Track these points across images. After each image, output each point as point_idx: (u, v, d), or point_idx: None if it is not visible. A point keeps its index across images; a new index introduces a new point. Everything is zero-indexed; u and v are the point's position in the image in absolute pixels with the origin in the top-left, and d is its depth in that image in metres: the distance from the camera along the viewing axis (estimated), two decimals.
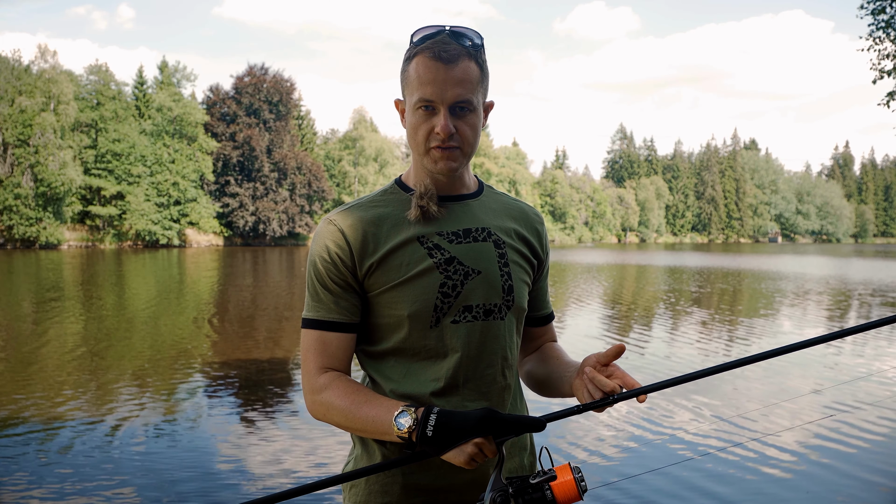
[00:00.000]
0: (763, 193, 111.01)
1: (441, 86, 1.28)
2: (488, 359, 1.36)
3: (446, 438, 1.18)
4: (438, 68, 1.28)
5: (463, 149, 1.34)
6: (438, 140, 1.31)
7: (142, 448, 5.04)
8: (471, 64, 1.30)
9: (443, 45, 1.29)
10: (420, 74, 1.29)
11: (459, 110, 1.31)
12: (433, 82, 1.28)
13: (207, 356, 8.84)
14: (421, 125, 1.32)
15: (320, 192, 61.29)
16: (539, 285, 1.54)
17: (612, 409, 5.50)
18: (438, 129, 1.30)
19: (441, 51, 1.28)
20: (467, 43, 1.32)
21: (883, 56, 13.64)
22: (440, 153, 1.33)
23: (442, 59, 1.27)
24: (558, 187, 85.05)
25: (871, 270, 29.06)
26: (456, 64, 1.28)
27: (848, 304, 15.70)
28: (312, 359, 1.35)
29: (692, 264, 33.53)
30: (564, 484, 1.16)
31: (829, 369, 7.95)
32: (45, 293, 17.39)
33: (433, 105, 1.30)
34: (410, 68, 1.31)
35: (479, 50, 1.33)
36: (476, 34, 1.33)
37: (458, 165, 1.35)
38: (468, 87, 1.30)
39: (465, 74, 1.29)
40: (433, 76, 1.28)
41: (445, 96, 1.28)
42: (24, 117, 47.05)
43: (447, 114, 1.30)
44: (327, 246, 1.34)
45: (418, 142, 1.34)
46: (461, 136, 1.32)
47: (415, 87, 1.30)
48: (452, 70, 1.28)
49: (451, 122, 1.30)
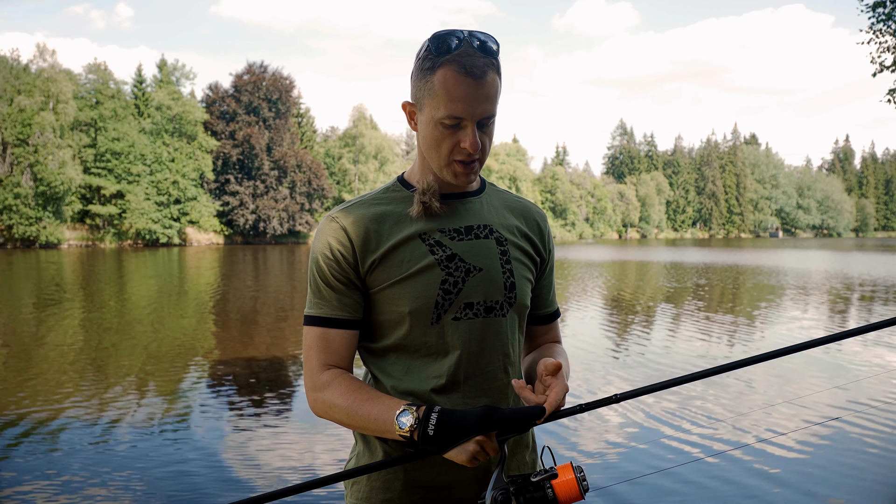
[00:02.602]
0: (764, 188, 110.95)
1: (472, 103, 1.26)
2: (489, 356, 1.36)
3: (448, 437, 1.18)
4: (469, 84, 1.25)
5: (482, 159, 1.34)
6: (464, 155, 1.30)
7: (142, 447, 5.04)
8: (495, 77, 1.29)
9: (472, 58, 1.26)
10: (449, 90, 1.26)
11: (483, 124, 1.30)
12: (464, 99, 1.26)
13: (208, 355, 8.84)
14: (445, 139, 1.30)
15: (320, 189, 61.27)
16: (542, 283, 1.53)
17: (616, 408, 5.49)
18: (467, 144, 1.29)
19: (472, 66, 1.25)
20: (492, 53, 1.29)
21: (883, 49, 13.61)
22: (463, 168, 1.33)
23: (473, 74, 1.25)
24: (559, 184, 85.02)
25: (872, 265, 29.04)
26: (484, 80, 1.26)
27: (849, 300, 15.70)
28: (315, 356, 1.35)
29: (693, 260, 33.53)
30: (566, 483, 1.15)
31: (832, 368, 7.94)
32: (45, 293, 17.39)
33: (461, 122, 1.28)
34: (436, 80, 1.27)
35: (498, 58, 1.31)
36: (495, 40, 1.31)
37: (475, 177, 1.37)
38: (494, 101, 1.29)
39: (493, 89, 1.28)
40: (464, 93, 1.25)
41: (475, 113, 1.27)
42: (23, 116, 47.03)
43: (475, 130, 1.29)
44: (330, 243, 1.34)
45: (441, 154, 1.32)
46: (482, 148, 1.32)
47: (442, 101, 1.27)
48: (482, 86, 1.26)
49: (479, 138, 1.29)
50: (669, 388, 1.29)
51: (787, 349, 1.26)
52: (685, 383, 1.27)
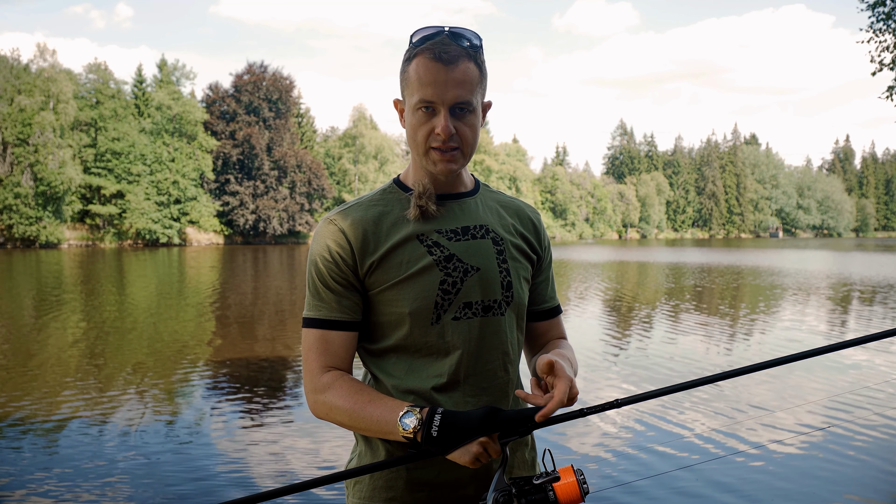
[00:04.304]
0: (764, 188, 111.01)
1: (441, 87, 1.28)
2: (489, 354, 1.37)
3: (451, 438, 1.19)
4: (439, 69, 1.28)
5: (462, 149, 1.35)
6: (439, 141, 1.32)
7: (142, 446, 5.04)
8: (470, 65, 1.31)
9: (443, 45, 1.29)
10: (420, 76, 1.30)
11: (459, 111, 1.31)
12: (434, 83, 1.28)
13: (208, 354, 8.84)
14: (421, 126, 1.33)
15: (320, 190, 61.30)
16: (541, 279, 1.54)
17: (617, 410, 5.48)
18: (439, 129, 1.30)
19: (441, 52, 1.28)
20: (466, 44, 1.32)
21: (882, 48, 13.63)
22: (440, 155, 1.34)
23: (442, 59, 1.28)
24: (559, 184, 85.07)
25: (873, 266, 29.04)
26: (456, 65, 1.29)
27: (849, 303, 15.70)
28: (315, 358, 1.35)
29: (694, 261, 33.55)
30: (567, 485, 1.16)
31: (833, 371, 7.94)
32: (45, 292, 17.40)
33: (433, 106, 1.30)
34: (410, 69, 1.32)
35: (478, 51, 1.34)
36: (475, 35, 1.34)
37: (457, 167, 1.36)
38: (468, 88, 1.30)
39: (465, 75, 1.30)
40: (433, 77, 1.28)
41: (446, 97, 1.29)
42: (23, 116, 47.08)
43: (447, 115, 1.30)
44: (328, 245, 1.35)
45: (418, 142, 1.35)
46: (461, 136, 1.32)
47: (415, 87, 1.30)
48: (453, 71, 1.29)
49: (451, 123, 1.30)
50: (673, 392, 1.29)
51: (794, 356, 1.26)
52: (686, 389, 1.27)
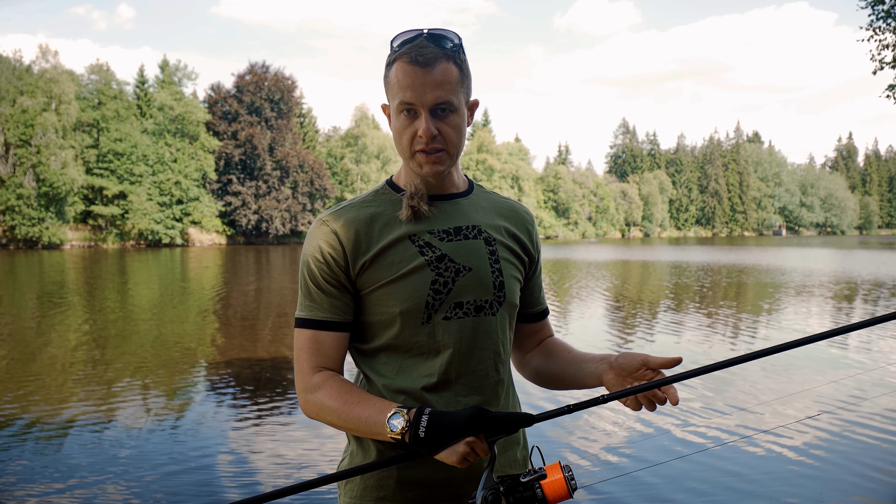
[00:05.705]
0: (767, 186, 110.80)
1: (420, 89, 1.30)
2: (480, 354, 1.38)
3: (438, 439, 1.20)
4: (416, 72, 1.29)
5: (448, 150, 1.35)
6: (422, 143, 1.33)
7: (143, 446, 5.06)
8: (449, 65, 1.32)
9: (420, 48, 1.30)
10: (399, 79, 1.31)
11: (441, 112, 1.32)
12: (412, 86, 1.30)
13: (210, 355, 8.86)
14: (405, 129, 1.34)
15: (322, 189, 61.35)
16: (532, 283, 1.55)
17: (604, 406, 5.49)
18: (421, 132, 1.31)
19: (418, 55, 1.29)
20: (445, 45, 1.33)
21: (883, 46, 13.60)
22: (425, 157, 1.35)
23: (419, 62, 1.29)
24: (561, 183, 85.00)
25: (877, 263, 28.98)
26: (433, 67, 1.30)
27: (853, 297, 15.67)
28: (306, 358, 1.36)
29: (697, 259, 33.51)
30: (554, 482, 1.17)
31: (832, 363, 7.93)
32: (47, 293, 17.45)
33: (414, 108, 1.32)
34: (391, 74, 1.33)
35: (457, 51, 1.35)
36: (454, 35, 1.35)
37: (444, 168, 1.37)
38: (447, 88, 1.31)
39: (444, 76, 1.31)
40: (412, 80, 1.30)
41: (425, 99, 1.30)
42: (25, 117, 47.19)
43: (428, 116, 1.31)
44: (320, 246, 1.36)
45: (403, 146, 1.36)
46: (444, 137, 1.33)
47: (395, 91, 1.32)
48: (430, 73, 1.30)
49: (432, 125, 1.31)
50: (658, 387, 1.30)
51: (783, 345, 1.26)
52: (675, 382, 1.28)
